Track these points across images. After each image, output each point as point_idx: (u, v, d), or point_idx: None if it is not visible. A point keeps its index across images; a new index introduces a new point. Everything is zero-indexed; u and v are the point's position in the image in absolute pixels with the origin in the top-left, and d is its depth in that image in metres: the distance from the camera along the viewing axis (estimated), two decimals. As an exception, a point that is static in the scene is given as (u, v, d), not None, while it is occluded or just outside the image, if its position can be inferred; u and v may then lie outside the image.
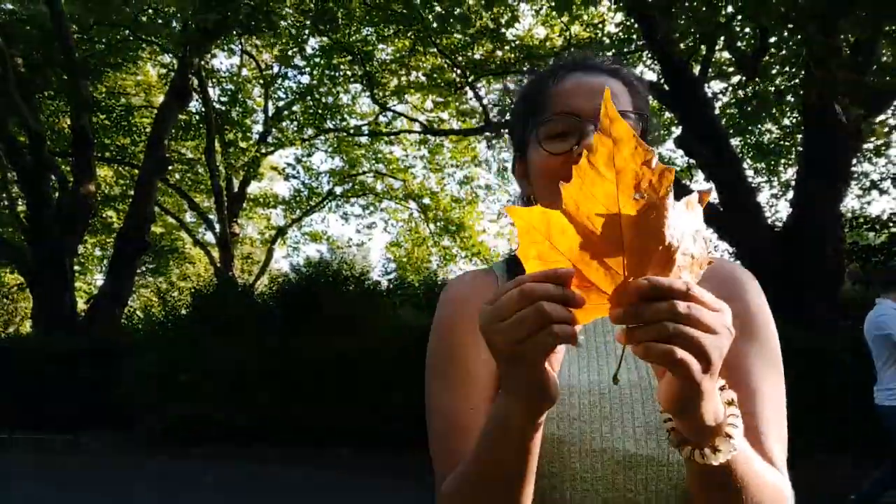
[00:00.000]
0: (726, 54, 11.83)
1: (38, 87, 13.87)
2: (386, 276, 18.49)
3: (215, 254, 19.31)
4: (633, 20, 10.78)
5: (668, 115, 15.11)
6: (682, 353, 0.50)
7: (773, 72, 10.20)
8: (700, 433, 0.58)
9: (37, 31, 13.10)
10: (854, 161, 10.28)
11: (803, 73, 7.54)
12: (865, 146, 9.73)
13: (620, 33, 12.90)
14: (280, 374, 8.67)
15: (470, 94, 14.99)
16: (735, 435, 0.59)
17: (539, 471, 0.68)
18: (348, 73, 15.68)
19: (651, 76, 14.39)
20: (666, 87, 11.96)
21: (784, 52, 8.73)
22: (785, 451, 0.72)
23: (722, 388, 0.61)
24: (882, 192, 11.03)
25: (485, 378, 0.77)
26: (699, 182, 15.46)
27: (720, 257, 0.90)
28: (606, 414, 0.71)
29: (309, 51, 15.77)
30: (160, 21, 14.18)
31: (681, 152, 12.47)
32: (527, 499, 0.66)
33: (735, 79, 12.31)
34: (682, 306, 0.50)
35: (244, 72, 19.09)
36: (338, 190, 20.86)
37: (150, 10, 14.31)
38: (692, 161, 13.08)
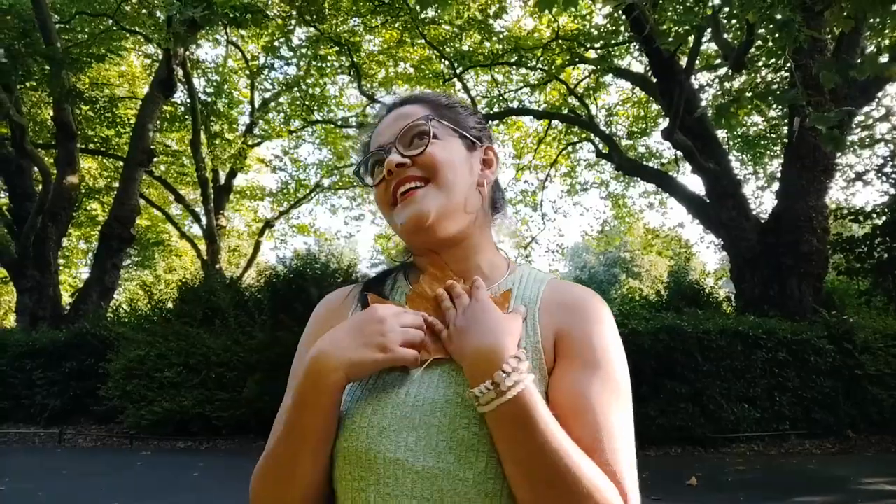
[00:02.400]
0: (714, 46, 11.86)
1: (20, 78, 13.67)
2: (374, 269, 18.46)
3: (202, 246, 19.17)
4: (620, 12, 10.77)
5: (654, 106, 15.18)
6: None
7: (759, 64, 10.24)
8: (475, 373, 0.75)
9: (17, 21, 12.89)
10: (838, 153, 10.37)
11: (788, 65, 7.58)
12: (850, 139, 9.80)
13: (608, 25, 12.90)
14: (267, 367, 8.65)
15: (458, 85, 14.94)
16: (519, 369, 0.72)
17: (350, 475, 0.78)
18: (335, 64, 15.60)
19: (638, 68, 14.43)
20: (653, 79, 12.01)
21: (770, 44, 8.77)
22: (634, 475, 0.76)
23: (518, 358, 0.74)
24: (866, 183, 11.14)
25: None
26: (686, 174, 15.56)
27: (574, 283, 0.94)
28: (415, 425, 0.77)
29: (296, 41, 15.67)
30: (144, 11, 14.01)
31: (668, 144, 12.52)
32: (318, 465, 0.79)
33: (722, 70, 12.36)
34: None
35: (230, 62, 18.92)
36: (325, 182, 20.78)
37: (134, 0, 14.13)
38: (679, 153, 13.14)
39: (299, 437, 0.78)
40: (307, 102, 17.44)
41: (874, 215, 10.45)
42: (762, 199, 15.45)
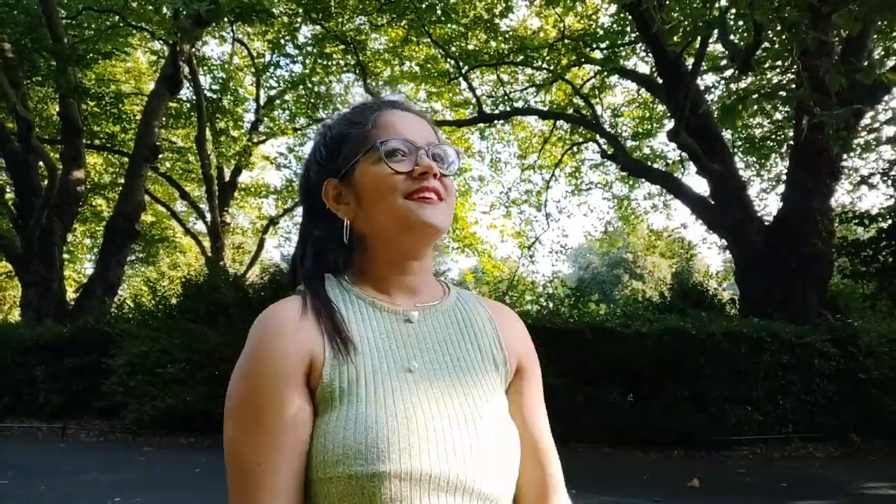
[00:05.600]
0: (720, 47, 11.84)
1: (27, 73, 13.71)
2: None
3: (206, 243, 19.20)
4: (627, 12, 10.75)
5: (660, 108, 15.14)
6: None
7: (766, 66, 10.21)
8: None
9: (24, 16, 12.93)
10: (844, 156, 10.32)
11: (795, 67, 7.56)
12: (856, 141, 9.76)
13: (615, 25, 12.87)
14: (270, 364, 8.63)
15: (463, 84, 14.94)
16: None
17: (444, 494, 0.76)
18: (341, 62, 15.60)
19: (644, 69, 14.40)
20: (659, 80, 11.98)
21: (777, 45, 8.73)
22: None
23: None
24: (872, 187, 11.08)
25: (294, 427, 0.79)
26: (691, 175, 15.52)
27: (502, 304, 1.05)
28: (486, 458, 0.82)
29: (301, 39, 15.69)
30: (150, 7, 14.03)
31: (673, 145, 12.50)
32: None
33: (728, 72, 12.34)
34: None
35: (235, 60, 18.95)
36: (330, 180, 20.73)
37: (141, -4, 14.16)
38: (684, 154, 13.11)
39: None
40: (312, 100, 17.45)
41: (879, 219, 10.40)
42: (767, 202, 15.36)
